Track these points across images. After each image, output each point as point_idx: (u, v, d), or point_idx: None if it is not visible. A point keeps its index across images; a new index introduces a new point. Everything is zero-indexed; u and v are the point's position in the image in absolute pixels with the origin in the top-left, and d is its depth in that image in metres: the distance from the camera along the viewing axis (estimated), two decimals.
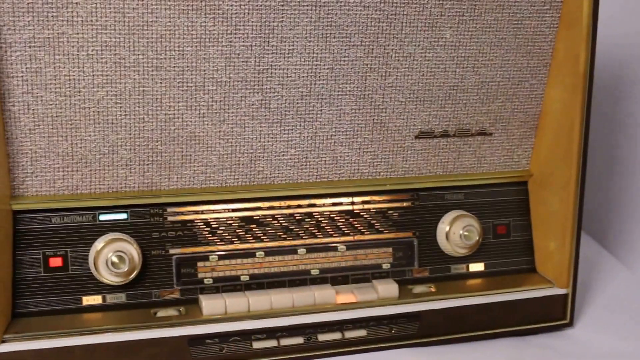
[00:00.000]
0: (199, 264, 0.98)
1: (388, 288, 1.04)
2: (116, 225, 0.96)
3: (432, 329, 1.03)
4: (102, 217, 0.95)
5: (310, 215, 1.02)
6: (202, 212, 0.98)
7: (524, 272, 1.11)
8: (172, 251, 0.98)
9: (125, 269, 0.92)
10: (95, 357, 0.90)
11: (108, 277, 0.94)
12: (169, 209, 0.97)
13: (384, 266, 1.05)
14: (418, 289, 1.06)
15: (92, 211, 0.94)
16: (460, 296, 1.05)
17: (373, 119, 1.01)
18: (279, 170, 1.00)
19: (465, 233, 1.06)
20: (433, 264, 1.08)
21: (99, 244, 0.94)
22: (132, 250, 0.95)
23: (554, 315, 1.08)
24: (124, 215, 0.96)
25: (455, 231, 1.06)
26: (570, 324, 1.08)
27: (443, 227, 1.08)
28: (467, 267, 1.10)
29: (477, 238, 1.06)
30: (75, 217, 0.94)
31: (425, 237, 1.06)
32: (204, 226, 0.99)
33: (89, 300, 0.96)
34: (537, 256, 1.10)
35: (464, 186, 1.08)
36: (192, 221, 0.98)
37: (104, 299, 0.96)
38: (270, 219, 1.01)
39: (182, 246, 0.97)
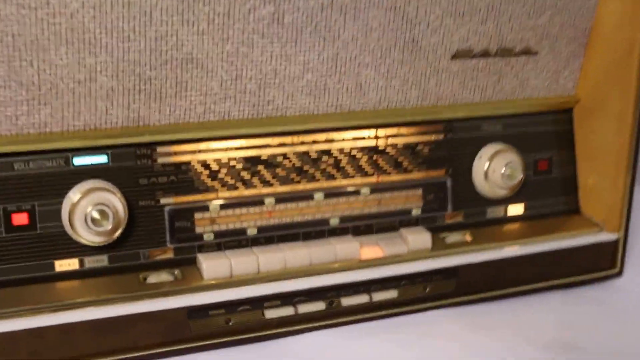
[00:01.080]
0: (197, 215, 0.88)
1: (419, 238, 0.96)
2: (95, 171, 0.84)
3: (471, 286, 0.98)
4: (77, 161, 0.83)
5: (328, 152, 0.93)
6: (200, 151, 0.88)
7: (567, 214, 1.05)
8: (163, 201, 0.87)
9: (109, 227, 0.81)
10: (73, 340, 0.81)
11: (87, 236, 0.83)
12: (160, 149, 0.86)
13: (413, 212, 0.98)
14: (452, 237, 0.99)
15: (64, 154, 0.82)
16: (500, 246, 0.99)
17: (404, 36, 0.90)
18: (292, 99, 0.89)
19: (508, 172, 0.98)
20: (468, 207, 1.01)
21: (74, 195, 0.82)
22: (116, 201, 0.83)
23: (601, 264, 1.03)
24: (104, 158, 0.84)
25: (495, 169, 0.99)
26: (619, 274, 1.05)
27: (481, 164, 1.00)
28: (506, 210, 1.03)
29: (521, 177, 0.98)
30: (44, 162, 0.82)
31: (460, 176, 0.99)
32: (202, 169, 0.88)
33: (62, 265, 0.84)
34: (581, 195, 1.05)
35: (502, 115, 1.00)
36: (187, 163, 0.87)
37: (81, 263, 0.85)
38: (281, 159, 0.91)
39: (176, 194, 0.87)
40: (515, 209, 1.04)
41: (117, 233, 0.83)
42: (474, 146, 1.00)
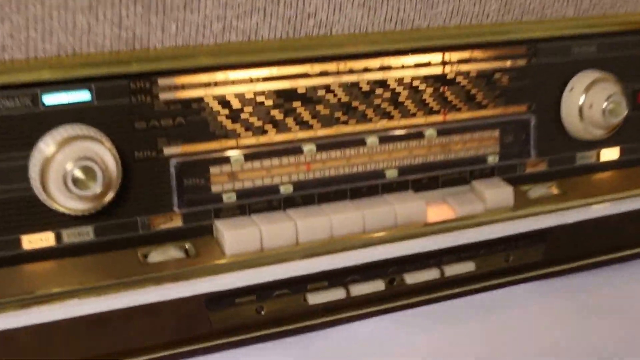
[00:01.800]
0: (213, 170, 0.77)
1: (499, 193, 0.86)
2: (74, 114, 0.72)
3: (561, 253, 0.90)
4: (49, 100, 0.71)
5: (383, 84, 0.83)
6: (217, 84, 0.76)
7: None
8: (168, 151, 0.76)
9: (97, 189, 0.69)
10: (51, 346, 0.71)
11: (66, 202, 0.70)
12: (162, 82, 0.74)
13: (489, 159, 0.87)
14: (536, 191, 0.90)
15: (31, 90, 0.70)
16: (595, 201, 0.90)
17: None
18: (340, 11, 0.78)
19: (611, 107, 0.87)
20: (554, 153, 0.91)
21: (46, 146, 0.69)
22: (105, 154, 0.71)
23: None
24: (85, 95, 0.72)
25: (593, 103, 0.87)
26: None
27: (572, 97, 0.88)
28: (598, 155, 0.94)
29: (625, 113, 0.88)
30: (3, 101, 0.69)
31: (546, 113, 0.89)
32: (220, 107, 0.77)
33: (32, 241, 0.73)
34: None
35: (597, 34, 0.90)
36: (199, 100, 0.76)
37: (58, 237, 0.74)
38: (324, 93, 0.81)
39: (185, 142, 0.76)
40: (610, 154, 0.94)
41: (108, 197, 0.72)
42: (564, 74, 0.89)
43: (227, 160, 0.76)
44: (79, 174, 0.66)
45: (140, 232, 0.75)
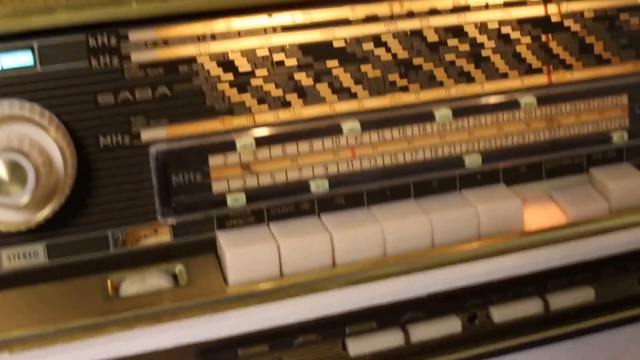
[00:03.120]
0: (213, 161, 0.64)
1: (630, 186, 0.72)
2: (10, 83, 0.59)
3: None
4: None
5: (458, 32, 0.69)
6: (214, 37, 0.63)
7: None
8: (147, 136, 0.62)
9: (25, 196, 0.55)
10: None
11: None
12: (135, 35, 0.61)
13: (615, 137, 0.73)
14: None
15: None
16: None
17: None
18: None
19: None
20: None
21: None
22: (47, 142, 0.58)
23: None
24: (26, 58, 0.60)
25: None
26: None
27: None
28: None
29: None
30: None
31: None
32: (221, 71, 0.64)
33: None
34: None
35: None
36: (190, 61, 0.63)
37: None
38: (372, 46, 0.67)
39: (171, 122, 0.63)
40: None
41: (53, 205, 0.59)
42: None
43: (232, 146, 0.63)
44: (1, 172, 0.54)
45: (111, 252, 0.62)
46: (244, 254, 0.63)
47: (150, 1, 0.62)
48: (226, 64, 0.64)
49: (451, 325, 0.68)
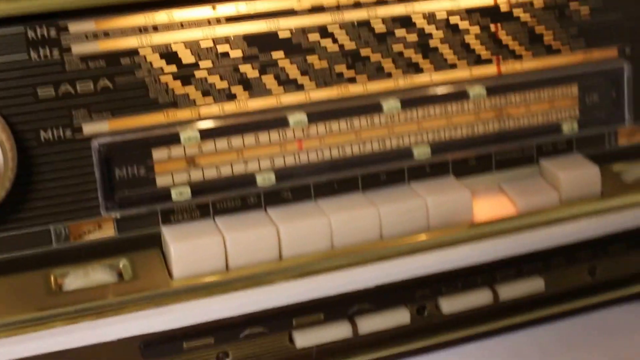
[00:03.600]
0: (157, 154, 0.63)
1: (579, 176, 0.73)
2: None
3: None
4: None
5: (406, 22, 0.69)
6: (157, 28, 0.63)
7: None
8: (89, 129, 0.61)
9: None
10: None
11: None
12: (75, 26, 0.60)
13: (565, 127, 0.73)
14: (633, 172, 0.76)
15: None
16: None
17: None
18: None
19: None
20: None
21: None
22: None
23: None
24: None
25: None
26: None
27: None
28: None
29: None
30: None
31: None
32: (164, 63, 0.64)
33: None
34: None
35: None
36: (132, 53, 0.62)
37: None
38: (318, 37, 0.66)
39: (113, 115, 0.62)
40: None
41: None
42: None
43: (176, 139, 0.63)
44: None
45: (53, 246, 0.62)
46: (189, 248, 0.63)
47: (99, 12, 0.61)
48: (169, 55, 0.63)
49: (400, 317, 0.67)
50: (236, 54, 0.64)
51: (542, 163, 0.74)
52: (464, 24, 0.70)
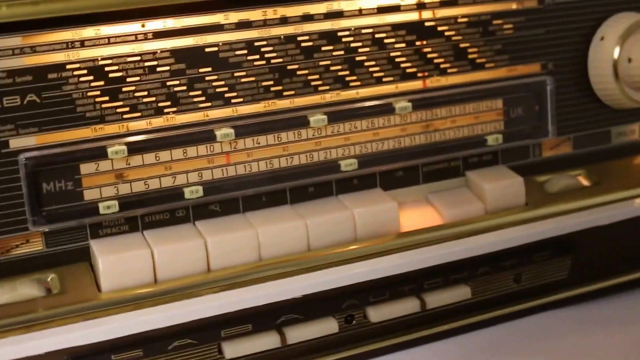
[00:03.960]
0: (85, 168, 0.62)
1: (504, 187, 0.73)
2: None
3: (594, 268, 0.76)
4: None
5: (332, 37, 0.68)
6: (84, 43, 0.61)
7: None
8: (16, 144, 0.61)
9: None
10: None
11: None
12: (0, 42, 0.59)
13: (490, 140, 0.73)
14: (557, 182, 0.76)
15: None
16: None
17: None
18: None
19: None
20: (581, 128, 0.78)
21: None
22: None
23: None
24: None
25: (634, 55, 0.74)
26: None
27: (605, 48, 0.76)
28: None
29: None
30: None
31: (568, 74, 0.76)
32: (91, 77, 0.62)
33: None
34: None
35: None
36: (59, 67, 0.61)
37: None
38: (245, 52, 0.65)
39: (41, 130, 0.61)
40: None
41: None
42: (591, 19, 0.77)
43: (104, 154, 0.62)
44: None
45: None
46: (117, 261, 0.61)
47: (16, 5, 0.59)
48: (96, 70, 0.62)
49: (328, 327, 0.66)
50: (164, 68, 0.63)
51: (468, 175, 0.74)
52: (389, 40, 0.69)
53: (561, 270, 0.75)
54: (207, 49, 0.64)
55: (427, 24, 0.70)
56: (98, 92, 0.61)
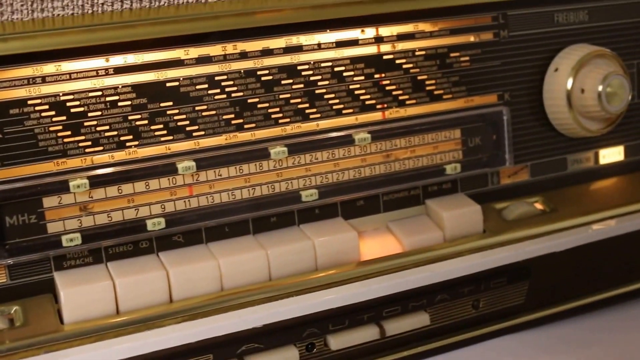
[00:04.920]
0: (48, 201, 0.59)
1: (463, 215, 0.70)
2: None
3: (551, 293, 0.73)
4: None
5: (292, 71, 0.65)
6: (45, 79, 0.58)
7: None
8: None
9: None
10: None
11: None
12: None
13: (448, 169, 0.71)
14: (514, 209, 0.73)
15: None
16: (595, 220, 0.73)
17: None
18: None
19: (608, 89, 0.73)
20: (537, 156, 0.75)
21: None
22: None
23: None
24: None
25: (585, 87, 0.72)
26: None
27: (558, 80, 0.73)
28: (596, 157, 0.78)
29: (628, 98, 0.73)
30: None
31: (523, 104, 0.73)
32: (53, 113, 0.59)
33: None
34: None
35: None
36: (21, 103, 0.57)
37: None
38: (206, 86, 0.62)
39: (3, 165, 0.58)
40: (611, 154, 0.79)
41: None
42: (545, 50, 0.74)
43: (66, 187, 0.58)
44: None
45: None
46: (79, 293, 0.58)
47: None
48: (58, 105, 0.58)
49: (288, 355, 0.62)
50: (125, 103, 0.59)
51: (427, 203, 0.70)
52: (348, 73, 0.66)
53: (518, 295, 0.71)
54: (168, 84, 0.60)
55: (385, 57, 0.67)
56: (60, 127, 0.58)
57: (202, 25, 0.60)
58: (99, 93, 0.58)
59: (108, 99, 0.59)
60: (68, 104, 0.58)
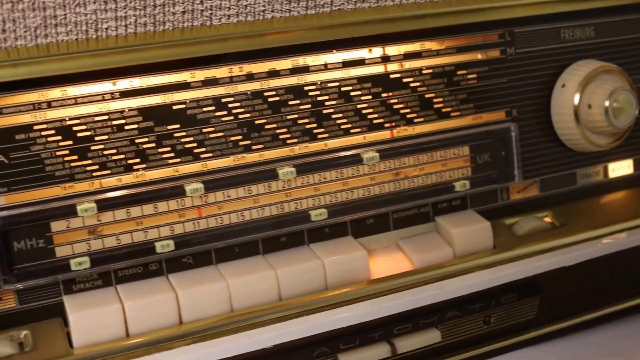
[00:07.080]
0: (55, 226, 0.53)
1: (473, 232, 0.63)
2: None
3: (562, 307, 0.66)
4: None
5: (299, 92, 0.59)
6: (51, 104, 0.52)
7: None
8: None
9: None
10: None
11: None
12: None
13: (457, 186, 0.64)
14: (524, 225, 0.66)
15: None
16: (605, 234, 0.66)
17: None
18: None
19: (615, 104, 0.66)
20: (546, 172, 0.68)
21: None
22: None
23: None
24: None
25: (592, 102, 0.66)
26: None
27: (566, 95, 0.66)
28: (605, 171, 0.71)
29: (636, 113, 0.66)
30: None
31: (531, 120, 0.67)
32: (60, 137, 0.54)
33: None
34: None
35: (595, 11, 0.68)
36: (27, 128, 0.52)
37: None
38: (213, 108, 0.56)
39: (10, 190, 0.52)
40: (620, 168, 0.72)
41: None
42: (552, 66, 0.68)
43: (73, 212, 0.53)
44: None
45: None
46: (88, 317, 0.52)
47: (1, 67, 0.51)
48: (64, 130, 0.53)
49: None
50: (132, 126, 0.54)
51: (437, 220, 0.64)
52: (356, 92, 0.60)
53: (529, 310, 0.65)
54: (174, 107, 0.55)
55: (392, 76, 0.61)
56: (67, 152, 0.53)
57: (208, 48, 0.55)
58: (106, 117, 0.53)
59: (114, 122, 0.54)
60: (74, 128, 0.53)
